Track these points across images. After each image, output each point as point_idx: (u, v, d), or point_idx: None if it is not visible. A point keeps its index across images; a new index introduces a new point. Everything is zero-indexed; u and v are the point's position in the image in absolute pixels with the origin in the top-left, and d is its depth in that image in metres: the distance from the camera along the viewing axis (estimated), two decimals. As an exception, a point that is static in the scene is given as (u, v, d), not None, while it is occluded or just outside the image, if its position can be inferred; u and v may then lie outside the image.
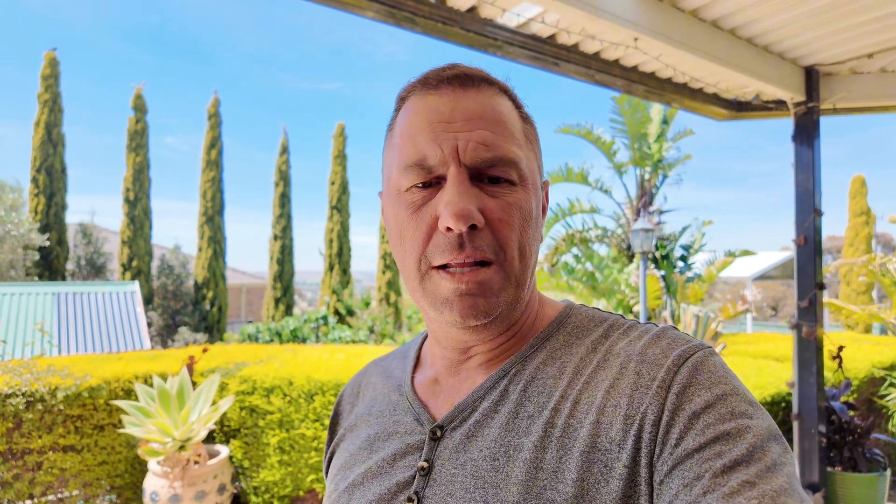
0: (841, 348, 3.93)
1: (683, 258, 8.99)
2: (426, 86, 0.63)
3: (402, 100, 0.66)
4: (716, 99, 4.10)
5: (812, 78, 3.65)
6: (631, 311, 8.06)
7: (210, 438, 3.84)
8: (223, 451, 3.66)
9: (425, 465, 0.62)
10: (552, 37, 3.07)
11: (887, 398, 4.41)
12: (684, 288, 7.96)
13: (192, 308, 15.78)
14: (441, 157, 0.59)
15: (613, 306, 8.37)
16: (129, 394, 3.71)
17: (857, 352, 4.91)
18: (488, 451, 0.59)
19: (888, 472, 3.60)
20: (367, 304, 12.23)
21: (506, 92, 0.65)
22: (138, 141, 16.07)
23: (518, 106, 0.66)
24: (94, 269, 15.70)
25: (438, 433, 0.64)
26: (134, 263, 15.39)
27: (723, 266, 8.23)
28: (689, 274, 8.69)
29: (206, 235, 16.56)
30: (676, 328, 0.62)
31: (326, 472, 0.80)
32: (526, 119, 0.67)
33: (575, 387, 0.59)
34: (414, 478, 0.62)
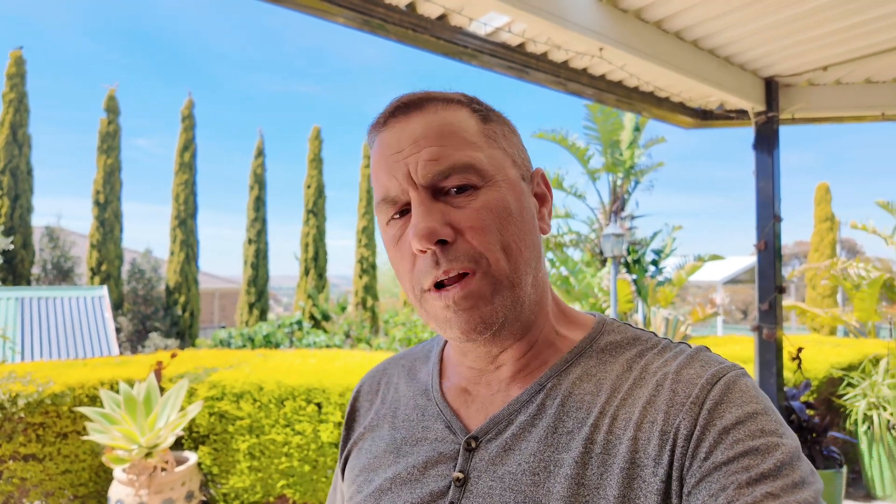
0: (800, 349, 4.06)
1: (654, 262, 9.16)
2: (377, 126, 0.65)
3: (371, 142, 0.68)
4: (682, 108, 4.22)
5: (772, 89, 3.78)
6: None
7: (178, 445, 3.79)
8: (191, 457, 3.61)
9: (461, 475, 0.61)
10: (521, 46, 3.13)
11: (845, 397, 4.57)
12: (655, 292, 8.11)
13: (163, 313, 15.49)
14: (399, 186, 0.61)
15: (587, 310, 8.47)
16: (94, 400, 3.64)
17: (818, 353, 5.07)
18: (527, 465, 0.59)
19: (844, 470, 3.73)
20: (344, 309, 12.16)
21: (453, 101, 0.64)
22: (110, 143, 15.76)
23: (475, 109, 0.65)
24: (61, 274, 15.30)
25: (473, 444, 0.63)
26: (103, 267, 15.04)
27: (692, 270, 8.41)
28: (660, 278, 8.86)
29: (178, 239, 16.29)
30: (709, 349, 0.63)
31: (342, 472, 0.78)
32: (486, 118, 0.65)
33: (612, 403, 0.59)
34: (449, 488, 0.61)
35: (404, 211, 0.62)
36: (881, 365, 4.53)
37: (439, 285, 0.59)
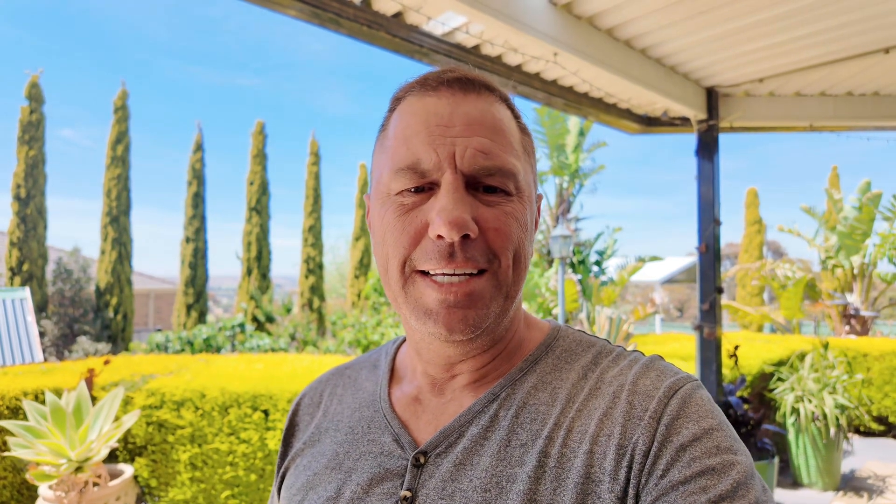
0: (736, 347, 4.27)
1: (598, 263, 9.43)
2: (425, 87, 0.61)
3: (397, 100, 0.63)
4: (628, 114, 4.35)
5: (712, 98, 3.96)
6: (550, 314, 8.36)
7: (112, 457, 3.56)
8: (127, 470, 3.40)
9: (408, 494, 0.58)
10: (476, 47, 3.13)
11: (775, 391, 4.85)
12: (599, 291, 8.34)
13: (93, 316, 14.57)
14: (436, 161, 0.57)
15: (535, 310, 8.64)
16: (16, 412, 3.37)
17: (750, 350, 5.36)
18: (479, 481, 0.56)
19: (776, 460, 3.95)
20: (289, 311, 11.83)
21: (505, 101, 0.64)
22: (32, 133, 14.67)
23: (517, 116, 0.64)
24: (-24, 274, 14.14)
25: (422, 459, 0.60)
26: (25, 267, 14.00)
27: (633, 271, 8.71)
28: (604, 278, 9.13)
29: (109, 237, 15.38)
30: (662, 358, 0.62)
31: (278, 491, 0.73)
32: (524, 130, 0.65)
33: (568, 414, 0.57)
34: None
35: (419, 189, 0.58)
36: (807, 360, 4.83)
37: (433, 274, 0.56)
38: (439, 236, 0.55)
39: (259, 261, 16.35)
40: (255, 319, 12.67)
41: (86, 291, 14.86)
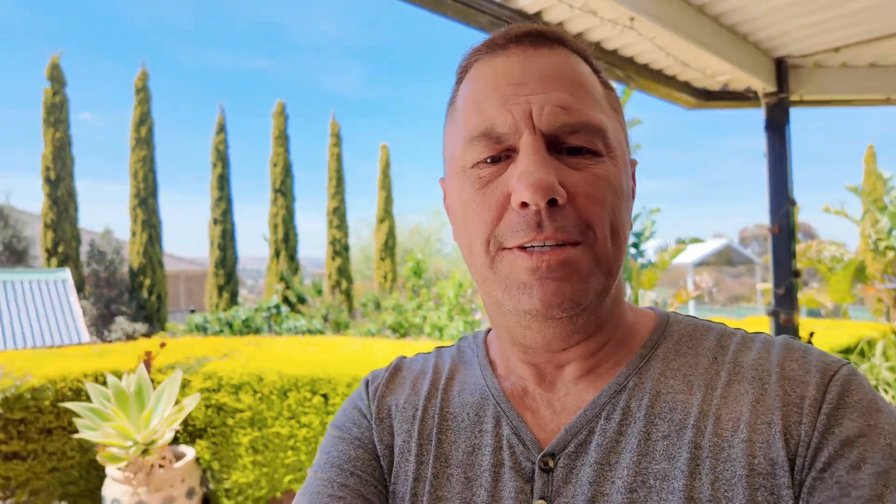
0: (812, 334, 4.10)
1: (635, 245, 9.22)
2: (492, 48, 0.55)
3: (463, 70, 0.58)
4: (686, 87, 4.16)
5: (782, 69, 3.75)
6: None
7: (173, 439, 3.57)
8: (189, 452, 3.41)
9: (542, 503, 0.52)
10: (539, 13, 2.98)
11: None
12: (639, 274, 8.17)
13: (128, 296, 14.82)
14: (512, 123, 0.51)
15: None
16: (78, 394, 3.39)
17: (816, 337, 5.15)
18: (622, 481, 0.50)
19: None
20: (320, 292, 11.86)
21: (582, 54, 0.57)
22: (56, 115, 14.78)
23: (597, 71, 0.58)
24: (15, 255, 14.46)
25: (551, 463, 0.54)
26: (60, 249, 14.26)
27: (675, 253, 8.50)
28: (643, 261, 8.93)
29: (139, 219, 15.56)
30: (793, 338, 0.56)
31: (380, 486, 0.60)
32: (607, 85, 0.58)
33: (711, 401, 0.51)
34: None
35: (496, 158, 0.52)
36: (878, 347, 4.64)
37: (526, 247, 0.50)
38: (523, 204, 0.49)
39: (286, 242, 16.44)
40: (286, 300, 12.76)
41: (120, 272, 15.12)
